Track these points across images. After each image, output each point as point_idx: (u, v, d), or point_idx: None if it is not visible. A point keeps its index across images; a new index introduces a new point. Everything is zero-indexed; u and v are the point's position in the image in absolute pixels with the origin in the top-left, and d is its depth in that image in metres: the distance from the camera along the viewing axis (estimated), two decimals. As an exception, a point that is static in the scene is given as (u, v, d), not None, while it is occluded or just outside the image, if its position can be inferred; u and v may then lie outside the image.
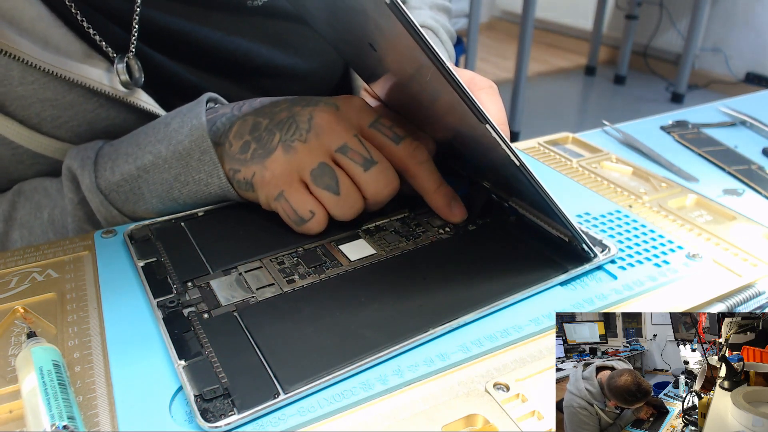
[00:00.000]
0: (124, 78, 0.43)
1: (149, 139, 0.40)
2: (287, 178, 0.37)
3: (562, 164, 0.49)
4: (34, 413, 0.24)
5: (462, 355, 0.29)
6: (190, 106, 0.41)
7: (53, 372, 0.26)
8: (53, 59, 0.40)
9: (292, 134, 0.37)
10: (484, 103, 0.38)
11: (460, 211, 0.39)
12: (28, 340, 0.28)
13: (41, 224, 0.42)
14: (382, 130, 0.38)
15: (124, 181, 0.39)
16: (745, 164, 0.52)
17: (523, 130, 2.34)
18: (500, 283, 0.33)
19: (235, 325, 0.30)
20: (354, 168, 0.36)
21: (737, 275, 0.35)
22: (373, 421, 0.26)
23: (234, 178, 0.39)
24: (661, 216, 0.42)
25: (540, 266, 0.34)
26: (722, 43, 2.79)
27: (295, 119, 0.38)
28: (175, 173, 0.39)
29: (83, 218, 0.41)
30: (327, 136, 0.37)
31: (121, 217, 0.41)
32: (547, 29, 3.51)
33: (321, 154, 0.37)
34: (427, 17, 0.61)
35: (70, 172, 0.41)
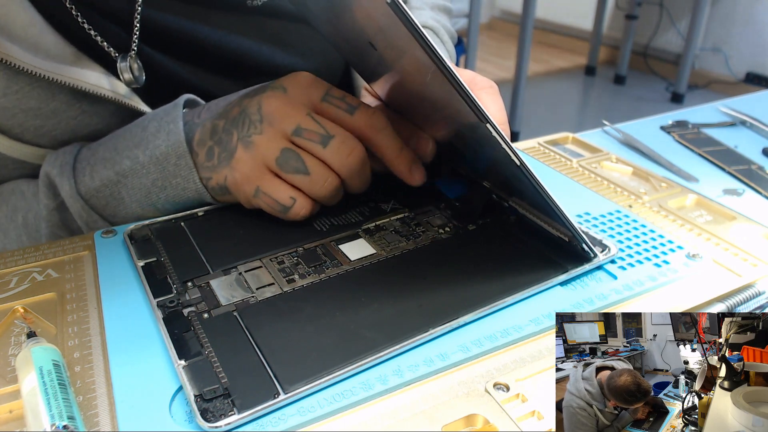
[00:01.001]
0: (128, 77, 0.43)
1: (127, 143, 0.40)
2: (257, 173, 0.37)
3: (562, 164, 0.49)
4: (34, 413, 0.24)
5: (462, 355, 0.29)
6: (167, 109, 0.40)
7: (53, 372, 0.26)
8: (43, 63, 0.40)
9: (248, 129, 0.37)
10: (484, 103, 0.38)
11: (419, 174, 0.39)
12: (28, 340, 0.28)
13: (15, 227, 0.42)
14: (334, 102, 0.37)
15: (104, 186, 0.39)
16: (745, 164, 0.52)
17: (523, 130, 2.34)
18: (500, 283, 0.33)
19: (235, 325, 0.30)
20: (313, 147, 0.36)
21: (737, 275, 0.35)
22: (373, 421, 0.26)
23: (208, 186, 0.39)
24: (661, 216, 0.42)
25: (540, 266, 0.34)
26: (722, 43, 2.79)
27: (246, 113, 0.38)
28: (152, 178, 0.39)
29: (58, 224, 0.41)
30: (280, 122, 0.37)
31: (102, 221, 0.41)
32: (547, 29, 3.51)
33: (280, 141, 0.37)
34: (428, 17, 0.61)
35: (47, 178, 0.40)
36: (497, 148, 0.31)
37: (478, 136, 0.32)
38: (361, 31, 0.34)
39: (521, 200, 0.39)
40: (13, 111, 0.41)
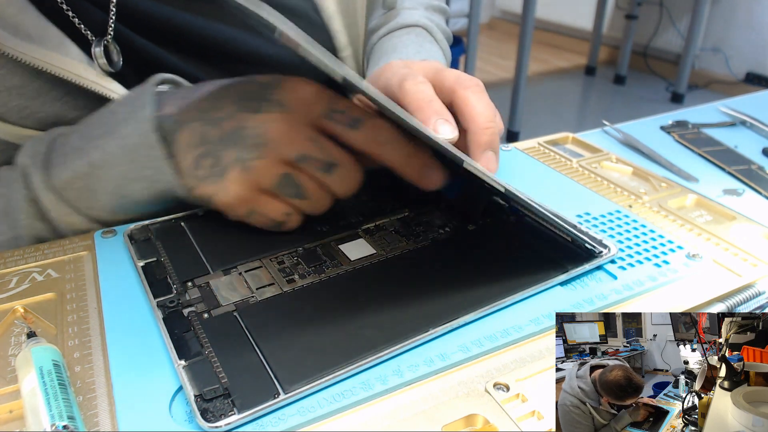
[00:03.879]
0: (102, 62, 0.42)
1: (96, 131, 0.38)
2: (252, 196, 0.36)
3: (562, 164, 0.49)
4: (34, 413, 0.24)
5: (462, 355, 0.29)
6: (139, 92, 0.38)
7: (53, 372, 0.26)
8: (23, 46, 0.39)
9: (246, 151, 0.36)
10: (471, 102, 0.38)
11: (433, 178, 0.37)
12: (28, 340, 0.28)
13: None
14: (337, 118, 0.36)
15: (77, 178, 0.37)
16: (745, 164, 0.52)
17: (523, 130, 2.34)
18: (500, 283, 0.33)
19: (235, 325, 0.30)
20: (315, 173, 0.36)
21: (737, 275, 0.35)
22: (373, 421, 0.26)
23: (191, 194, 0.38)
24: (661, 216, 0.42)
25: (540, 266, 0.34)
26: (722, 43, 2.79)
27: (243, 131, 0.36)
28: (123, 170, 0.37)
29: (34, 215, 0.39)
30: (281, 147, 0.35)
31: (75, 215, 0.39)
32: (547, 29, 3.51)
33: (280, 166, 0.36)
34: (422, 17, 0.61)
35: (22, 168, 0.39)
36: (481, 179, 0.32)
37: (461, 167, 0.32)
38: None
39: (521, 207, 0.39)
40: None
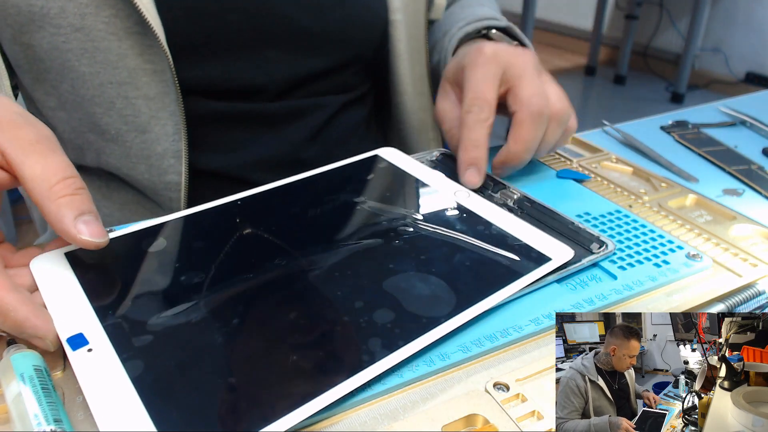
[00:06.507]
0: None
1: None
2: None
3: (562, 164, 0.49)
4: (21, 419, 0.24)
5: (462, 355, 0.29)
6: None
7: (35, 377, 0.25)
8: None
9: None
10: (516, 129, 0.41)
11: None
12: (8, 348, 0.27)
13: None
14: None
15: None
16: (745, 164, 0.52)
17: (523, 130, 2.34)
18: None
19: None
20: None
21: (737, 275, 0.35)
22: (373, 421, 0.26)
23: None
24: (661, 216, 0.42)
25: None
26: (722, 43, 2.79)
27: None
28: None
29: None
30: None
31: None
32: (547, 29, 3.50)
33: None
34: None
35: None
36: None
37: None
38: None
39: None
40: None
